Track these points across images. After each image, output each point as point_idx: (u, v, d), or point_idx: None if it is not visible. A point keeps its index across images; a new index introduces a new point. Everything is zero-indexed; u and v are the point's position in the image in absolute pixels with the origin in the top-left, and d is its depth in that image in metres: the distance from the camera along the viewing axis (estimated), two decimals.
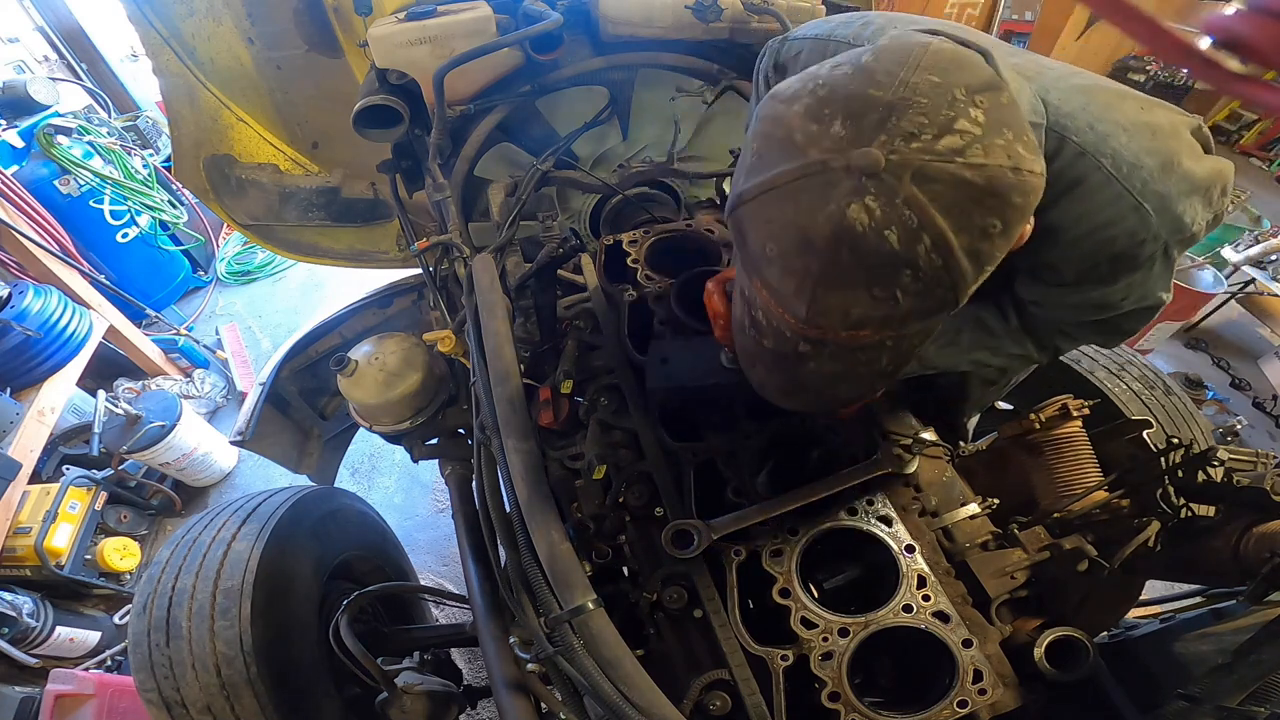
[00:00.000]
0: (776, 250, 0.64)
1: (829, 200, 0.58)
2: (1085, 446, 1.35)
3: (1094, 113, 0.80)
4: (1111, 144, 0.79)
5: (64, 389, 2.92)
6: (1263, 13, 0.58)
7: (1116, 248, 0.82)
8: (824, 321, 0.65)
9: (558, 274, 1.66)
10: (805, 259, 0.61)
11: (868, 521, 1.14)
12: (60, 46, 4.24)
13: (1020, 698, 1.02)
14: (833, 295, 0.62)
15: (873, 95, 0.59)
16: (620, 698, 0.87)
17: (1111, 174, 0.78)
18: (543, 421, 1.33)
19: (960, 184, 0.57)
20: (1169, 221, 0.80)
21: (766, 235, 0.64)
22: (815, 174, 0.59)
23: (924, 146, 0.56)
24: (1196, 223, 0.83)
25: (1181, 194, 0.80)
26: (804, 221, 0.60)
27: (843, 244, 0.58)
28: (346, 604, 1.46)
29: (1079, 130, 0.79)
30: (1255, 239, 3.88)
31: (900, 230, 0.57)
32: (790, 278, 0.64)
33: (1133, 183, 0.78)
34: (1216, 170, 0.84)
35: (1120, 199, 0.78)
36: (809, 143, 0.60)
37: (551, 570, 0.98)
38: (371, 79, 1.76)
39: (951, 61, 0.61)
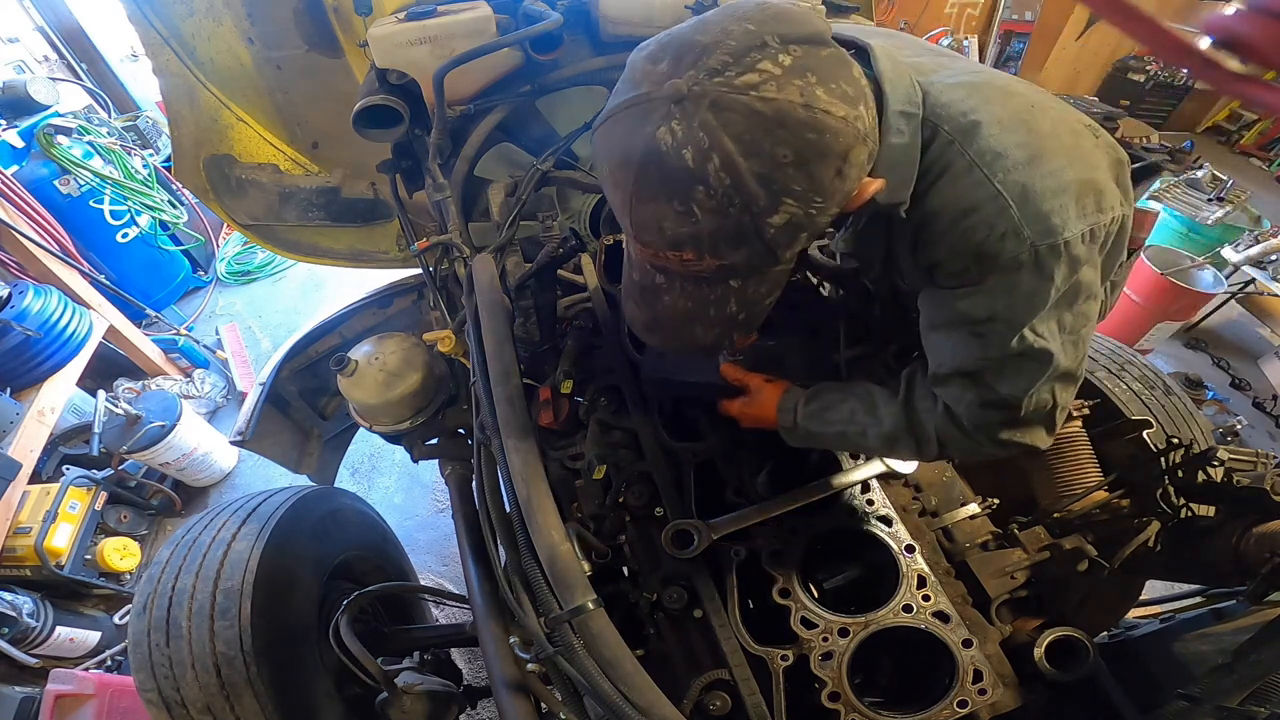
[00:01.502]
0: (608, 169, 0.74)
1: (645, 123, 0.68)
2: (1085, 446, 1.35)
3: (971, 104, 0.81)
4: (980, 132, 0.79)
5: (64, 389, 2.92)
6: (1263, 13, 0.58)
7: (977, 238, 0.79)
8: (646, 236, 0.75)
9: (558, 274, 1.66)
10: (625, 173, 0.71)
11: (868, 521, 1.14)
12: (60, 46, 4.24)
13: (1020, 698, 1.02)
14: (645, 207, 0.71)
15: (696, 39, 0.68)
16: (620, 698, 0.87)
17: (974, 160, 0.78)
18: (543, 421, 1.33)
19: (750, 114, 0.64)
20: (1031, 215, 0.77)
21: (604, 155, 0.75)
22: (640, 103, 0.69)
23: (724, 81, 0.64)
24: (1068, 228, 0.78)
25: (1048, 190, 0.77)
26: (626, 142, 0.70)
27: (650, 161, 0.68)
28: (346, 604, 1.46)
29: (951, 119, 0.81)
30: (1255, 239, 3.87)
31: (694, 150, 0.65)
32: (618, 191, 0.74)
33: (993, 170, 0.78)
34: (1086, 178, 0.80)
35: (980, 185, 0.78)
36: (643, 78, 0.70)
37: (551, 570, 0.98)
38: (371, 79, 1.76)
39: (774, 15, 0.69)
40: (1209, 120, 6.97)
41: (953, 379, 0.92)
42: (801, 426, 1.07)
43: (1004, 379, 0.88)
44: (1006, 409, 0.89)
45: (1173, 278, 3.63)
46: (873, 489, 1.18)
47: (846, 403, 1.04)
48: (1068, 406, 0.92)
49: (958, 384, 0.92)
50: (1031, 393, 0.88)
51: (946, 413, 0.94)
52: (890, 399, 1.01)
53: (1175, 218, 4.19)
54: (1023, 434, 0.92)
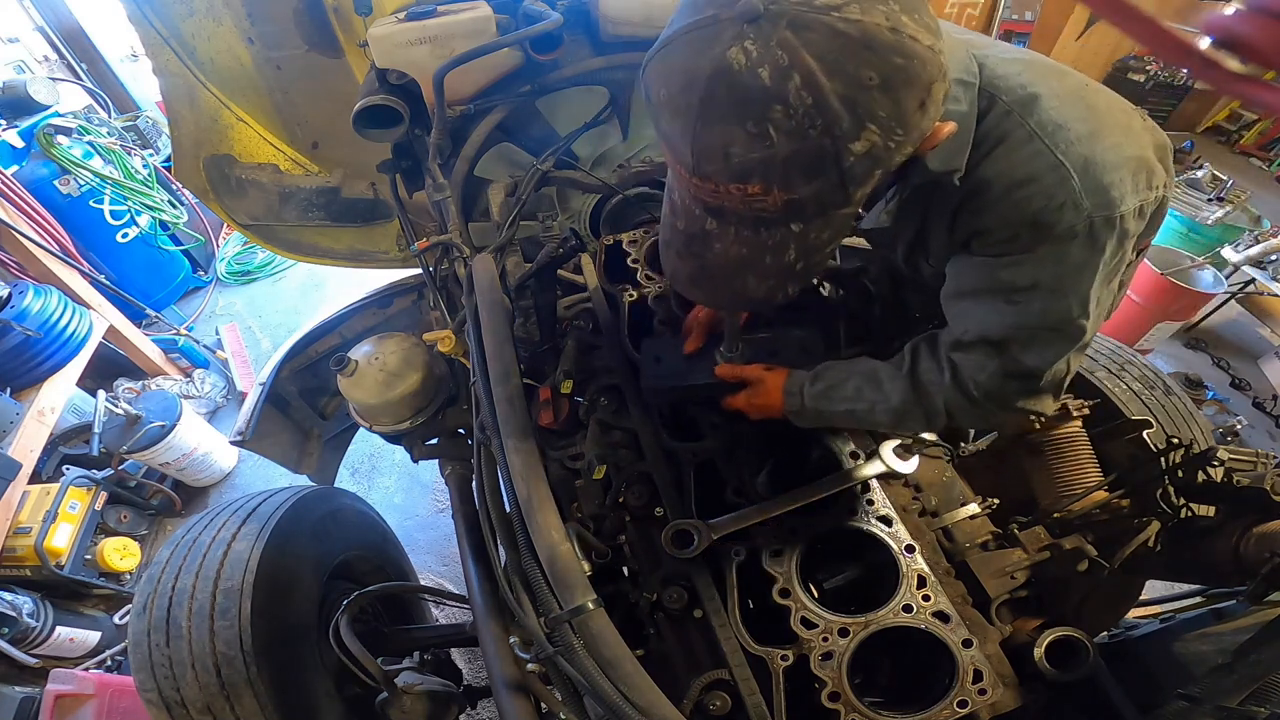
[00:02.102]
0: (666, 94, 0.68)
1: (714, 45, 0.62)
2: (1085, 446, 1.35)
3: (1028, 78, 0.81)
4: (1040, 104, 0.79)
5: (64, 389, 2.92)
6: (1263, 13, 0.58)
7: (1034, 206, 0.78)
8: (709, 166, 0.68)
9: (558, 274, 1.66)
10: (687, 96, 0.65)
11: (868, 521, 1.14)
12: (60, 46, 4.24)
13: (1020, 698, 1.02)
14: (712, 131, 0.65)
15: None
16: (620, 698, 0.87)
17: (1034, 130, 0.78)
18: (543, 421, 1.33)
19: (833, 33, 0.60)
20: (1091, 187, 0.77)
21: (661, 82, 0.69)
22: (707, 25, 0.64)
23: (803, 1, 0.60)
24: (1125, 202, 0.78)
25: (1108, 164, 0.77)
26: (691, 64, 0.64)
27: (719, 79, 0.62)
28: (346, 604, 1.46)
29: (1009, 90, 0.80)
30: (1255, 239, 3.88)
31: (772, 68, 0.60)
32: (677, 119, 0.67)
33: (1055, 141, 0.77)
34: (1142, 156, 0.81)
35: (1039, 156, 0.78)
36: (707, 3, 0.65)
37: (551, 570, 0.98)
38: (371, 79, 1.76)
39: None
40: (1209, 120, 6.97)
41: (976, 346, 0.91)
42: (809, 407, 1.08)
43: (1032, 350, 0.88)
44: (1028, 379, 0.90)
45: (1173, 278, 3.63)
46: (873, 489, 1.18)
47: (852, 380, 1.05)
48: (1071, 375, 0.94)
49: (981, 351, 0.91)
50: (1060, 361, 0.89)
51: (954, 382, 0.94)
52: (895, 374, 1.02)
53: (1175, 218, 4.19)
54: (1036, 402, 0.94)
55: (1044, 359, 0.88)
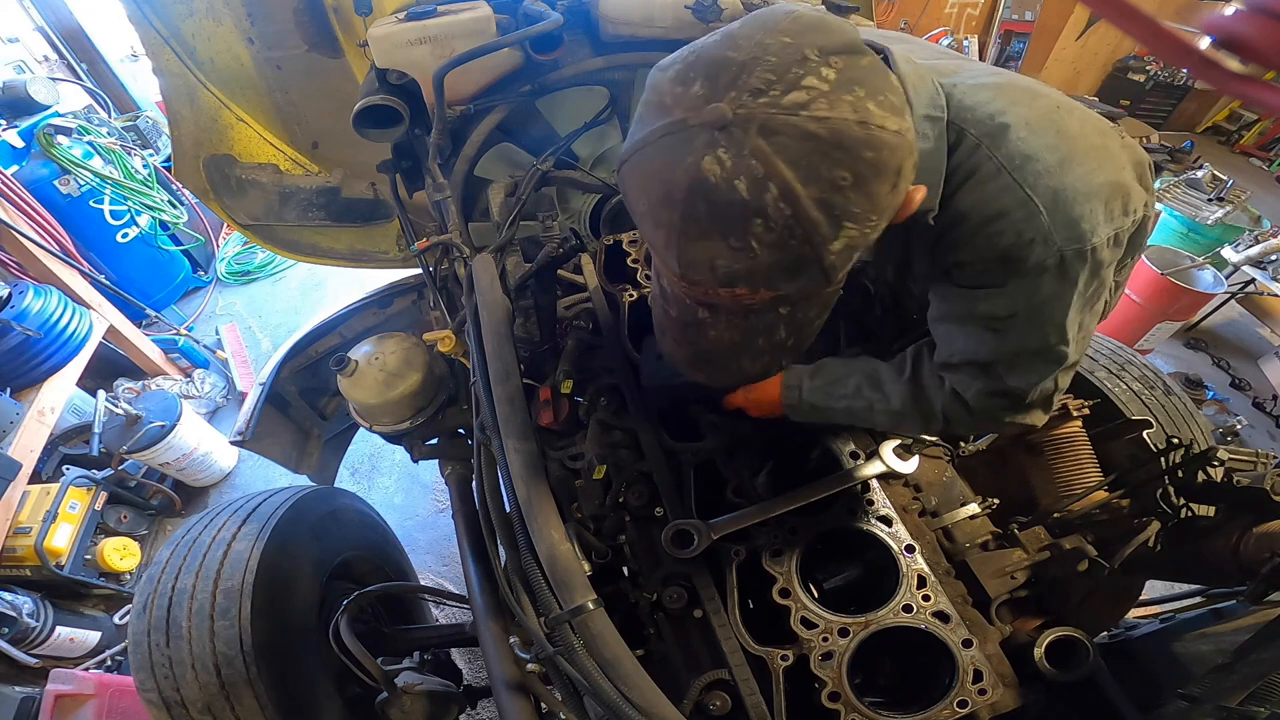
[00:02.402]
0: (646, 205, 0.68)
1: (687, 154, 0.62)
2: (1085, 446, 1.35)
3: (998, 106, 0.80)
4: (1009, 135, 0.78)
5: (64, 389, 2.92)
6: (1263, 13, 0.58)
7: (1004, 242, 0.79)
8: (695, 275, 0.69)
9: (558, 274, 1.66)
10: (669, 211, 0.65)
11: (868, 521, 1.14)
12: (60, 46, 4.24)
13: (1020, 698, 1.02)
14: (695, 246, 0.66)
15: (729, 57, 0.62)
16: (620, 698, 0.87)
17: (1002, 164, 0.78)
18: (543, 421, 1.33)
19: (804, 136, 0.59)
20: (1061, 222, 0.77)
21: (639, 191, 0.69)
22: (677, 131, 0.63)
23: (770, 101, 0.59)
24: (1096, 234, 0.78)
25: (1079, 195, 0.77)
26: (666, 175, 0.64)
27: (698, 194, 0.62)
28: (346, 604, 1.46)
29: (977, 121, 0.80)
30: (1255, 239, 3.88)
31: (748, 179, 0.60)
32: (660, 230, 0.68)
33: (1023, 175, 0.77)
34: (1115, 181, 0.80)
35: (1008, 190, 0.77)
36: (674, 103, 0.64)
37: (551, 570, 0.98)
38: (371, 79, 1.76)
39: (809, 25, 0.63)
40: (1209, 120, 6.97)
41: (963, 368, 0.93)
42: (806, 402, 1.08)
43: (1015, 372, 0.90)
44: (1012, 398, 0.92)
45: (1173, 278, 3.63)
46: (873, 489, 1.18)
47: (852, 378, 1.05)
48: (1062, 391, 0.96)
49: (967, 373, 0.93)
50: (1045, 381, 0.91)
51: (954, 394, 0.96)
52: (895, 376, 1.02)
53: (1175, 218, 4.19)
54: (1024, 415, 0.96)
55: (1028, 380, 0.90)
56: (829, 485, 1.16)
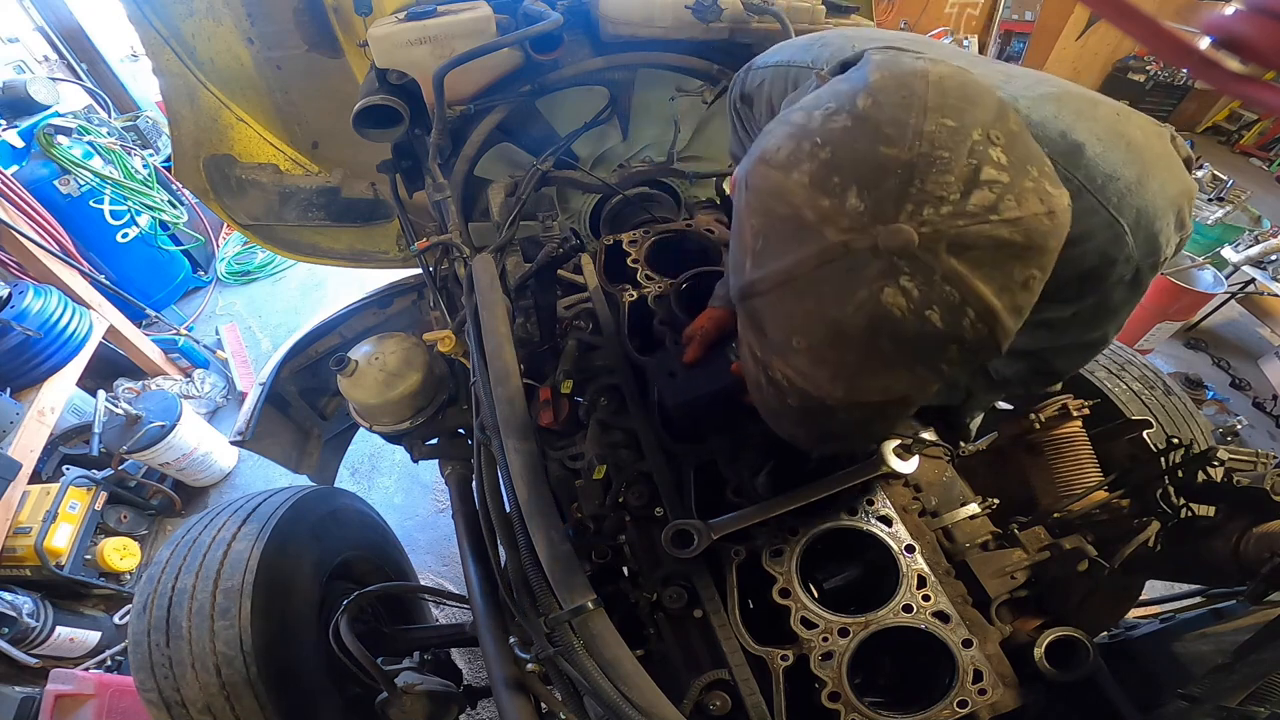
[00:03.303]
0: (805, 343, 0.59)
1: (859, 286, 0.52)
2: (1085, 446, 1.35)
3: (1066, 121, 0.76)
4: (1085, 154, 0.74)
5: (64, 389, 2.92)
6: (1262, 13, 0.58)
7: (1088, 264, 0.76)
8: (864, 395, 0.61)
9: (558, 274, 1.66)
10: (840, 351, 0.57)
11: (868, 521, 1.14)
12: (60, 46, 4.24)
13: (1020, 698, 1.02)
14: (874, 380, 0.58)
15: (885, 154, 0.51)
16: (620, 698, 0.87)
17: (1084, 185, 0.73)
18: (543, 421, 1.33)
19: (999, 245, 0.51)
20: (1144, 240, 0.76)
21: (790, 329, 0.59)
22: (838, 259, 0.52)
23: (955, 210, 0.50)
24: (1170, 244, 0.80)
25: (1157, 211, 0.76)
26: (834, 314, 0.54)
27: (881, 333, 0.53)
28: (346, 604, 1.46)
29: (1050, 141, 0.74)
30: (1255, 239, 3.88)
31: (943, 309, 0.51)
32: (824, 368, 0.59)
33: (1108, 196, 0.74)
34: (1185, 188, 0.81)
35: (1094, 213, 0.74)
36: (823, 221, 0.53)
37: (551, 570, 0.98)
38: (371, 79, 1.76)
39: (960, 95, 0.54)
40: (1209, 120, 6.97)
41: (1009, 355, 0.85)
42: None
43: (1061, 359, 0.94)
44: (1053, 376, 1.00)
45: (1173, 278, 3.63)
46: (873, 489, 1.18)
47: None
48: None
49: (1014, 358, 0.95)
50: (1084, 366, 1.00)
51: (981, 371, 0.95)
52: None
53: None
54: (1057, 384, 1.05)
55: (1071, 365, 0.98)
56: (829, 485, 1.16)
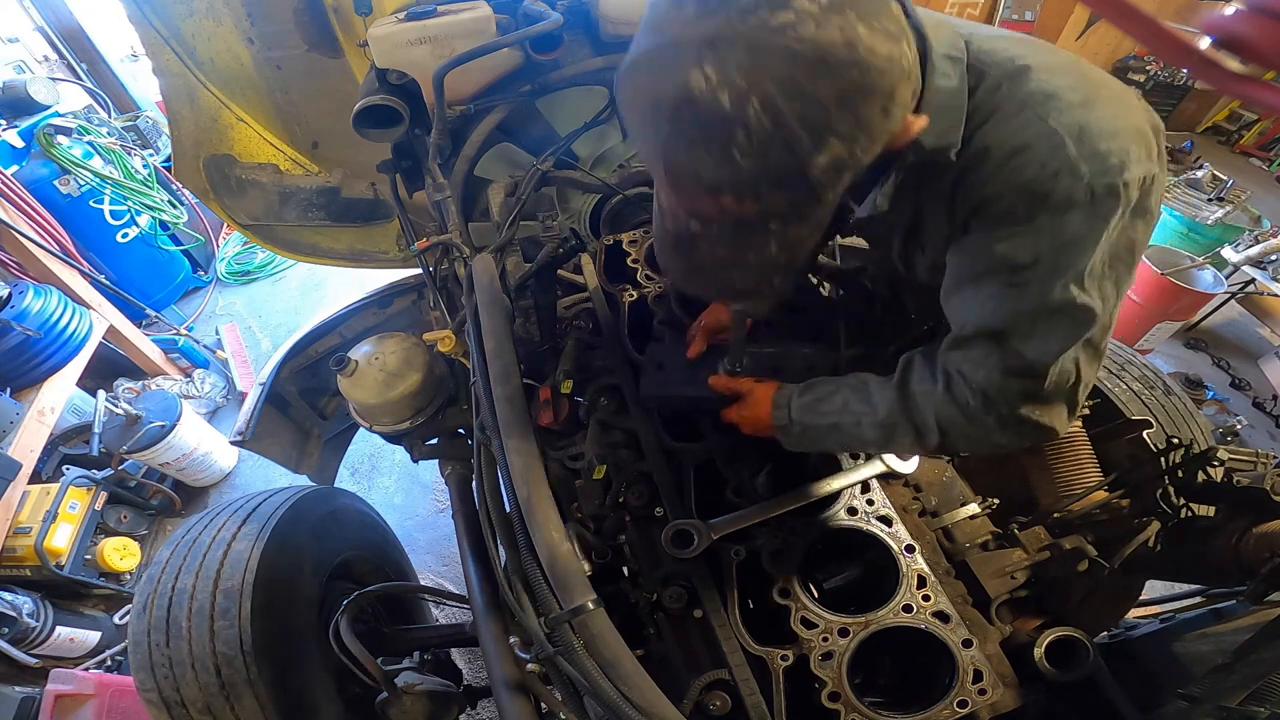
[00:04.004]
0: (637, 118, 0.72)
1: (675, 69, 0.64)
2: (1085, 446, 1.35)
3: (1017, 52, 0.81)
4: (1030, 75, 0.78)
5: (64, 389, 2.92)
6: (1263, 13, 0.58)
7: (1028, 174, 0.76)
8: (683, 184, 0.72)
9: (558, 274, 1.66)
10: (657, 122, 0.68)
11: (868, 521, 1.14)
12: (60, 46, 4.24)
13: (1020, 698, 1.02)
14: (681, 154, 0.69)
15: None
16: (620, 698, 0.87)
17: (1025, 100, 0.77)
18: (543, 421, 1.33)
19: (789, 54, 0.61)
20: (1088, 154, 0.74)
21: (631, 106, 0.72)
22: (668, 48, 0.66)
23: (759, 21, 0.61)
24: (1128, 170, 0.74)
25: (1104, 131, 0.75)
26: (656, 89, 0.67)
27: (684, 106, 0.65)
28: (346, 604, 1.46)
29: (998, 64, 0.80)
30: (1255, 239, 3.88)
31: (731, 92, 0.62)
32: (647, 141, 0.71)
33: (1046, 110, 0.76)
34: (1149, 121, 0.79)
35: (1031, 124, 0.76)
36: (668, 23, 0.67)
37: (551, 570, 0.98)
38: (371, 79, 1.76)
39: None
40: (1209, 120, 6.97)
41: (976, 341, 0.87)
42: (796, 422, 1.04)
43: (1034, 339, 0.83)
44: (1031, 377, 0.84)
45: (1173, 278, 3.63)
46: (873, 489, 1.18)
47: (840, 393, 1.01)
48: (1090, 384, 0.87)
49: (981, 346, 0.86)
50: (1060, 359, 0.83)
51: (948, 394, 0.90)
52: (885, 384, 0.98)
53: (1175, 218, 4.19)
54: (1043, 412, 0.87)
55: (1047, 349, 0.83)
56: (829, 485, 1.16)
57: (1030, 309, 0.82)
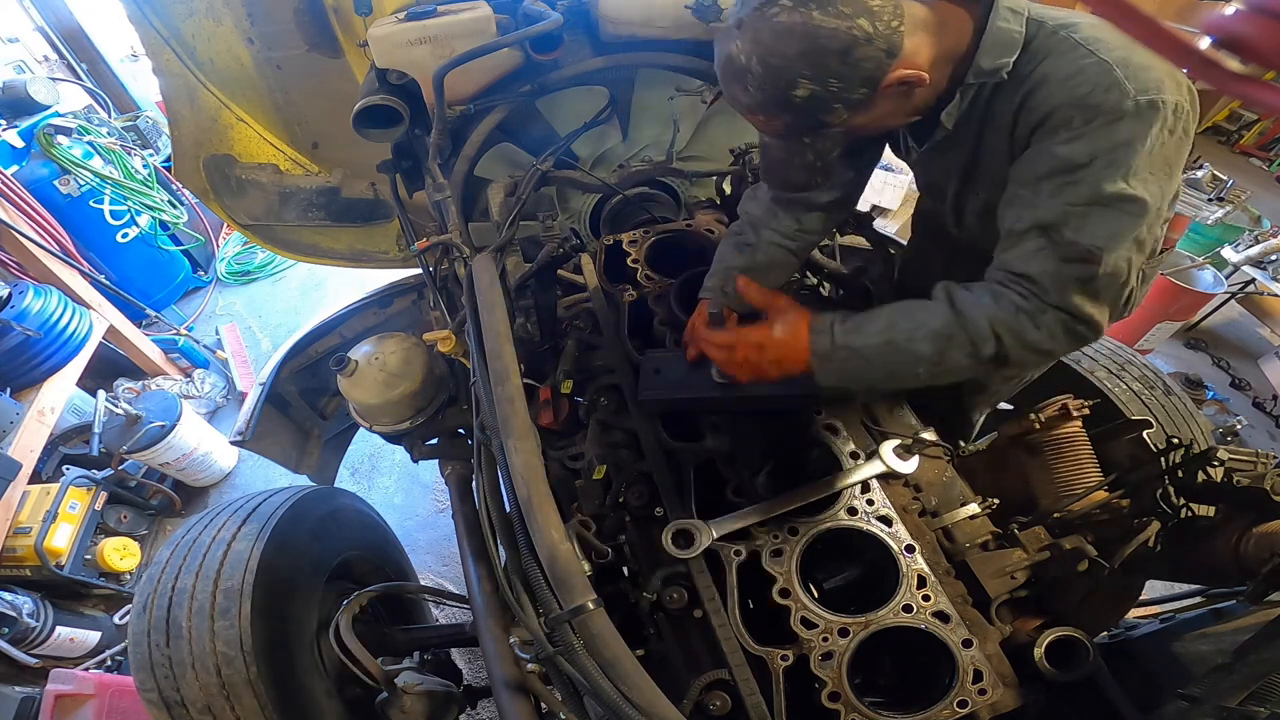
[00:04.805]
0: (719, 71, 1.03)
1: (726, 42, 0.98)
2: (1085, 446, 1.35)
3: (1068, 17, 1.00)
4: (1080, 26, 0.97)
5: (64, 389, 2.92)
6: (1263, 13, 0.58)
7: (1083, 90, 0.93)
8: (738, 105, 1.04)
9: (558, 274, 1.66)
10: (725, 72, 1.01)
11: (868, 521, 1.14)
12: (60, 46, 4.24)
13: (1020, 698, 1.02)
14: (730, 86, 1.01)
15: None
16: (620, 698, 0.87)
17: (1078, 42, 0.95)
18: (543, 421, 1.33)
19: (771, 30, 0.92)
20: (1132, 75, 0.90)
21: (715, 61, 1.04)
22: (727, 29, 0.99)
23: (760, 13, 0.92)
24: (1164, 91, 0.90)
25: (1144, 63, 0.91)
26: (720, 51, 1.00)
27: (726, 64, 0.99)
28: (346, 604, 1.46)
29: (1055, 18, 1.00)
30: (1255, 239, 3.88)
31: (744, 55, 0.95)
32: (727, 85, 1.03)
33: (1095, 48, 0.93)
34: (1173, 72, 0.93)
35: (1085, 57, 0.94)
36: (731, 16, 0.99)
37: (551, 570, 0.98)
38: (371, 79, 1.76)
39: None
40: (1209, 120, 6.96)
41: (1030, 235, 0.97)
42: (841, 346, 1.05)
43: (1086, 227, 0.93)
44: (1085, 263, 0.94)
45: (1173, 278, 3.63)
46: (873, 489, 1.18)
47: (883, 314, 1.06)
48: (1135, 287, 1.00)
49: (1034, 240, 0.97)
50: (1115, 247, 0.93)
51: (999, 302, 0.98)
52: (927, 305, 1.04)
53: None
54: (1093, 306, 0.96)
55: (1100, 236, 0.93)
56: (829, 485, 1.16)
57: (1085, 199, 0.93)
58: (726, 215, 1.82)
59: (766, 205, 1.37)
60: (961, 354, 1.00)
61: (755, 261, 1.35)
